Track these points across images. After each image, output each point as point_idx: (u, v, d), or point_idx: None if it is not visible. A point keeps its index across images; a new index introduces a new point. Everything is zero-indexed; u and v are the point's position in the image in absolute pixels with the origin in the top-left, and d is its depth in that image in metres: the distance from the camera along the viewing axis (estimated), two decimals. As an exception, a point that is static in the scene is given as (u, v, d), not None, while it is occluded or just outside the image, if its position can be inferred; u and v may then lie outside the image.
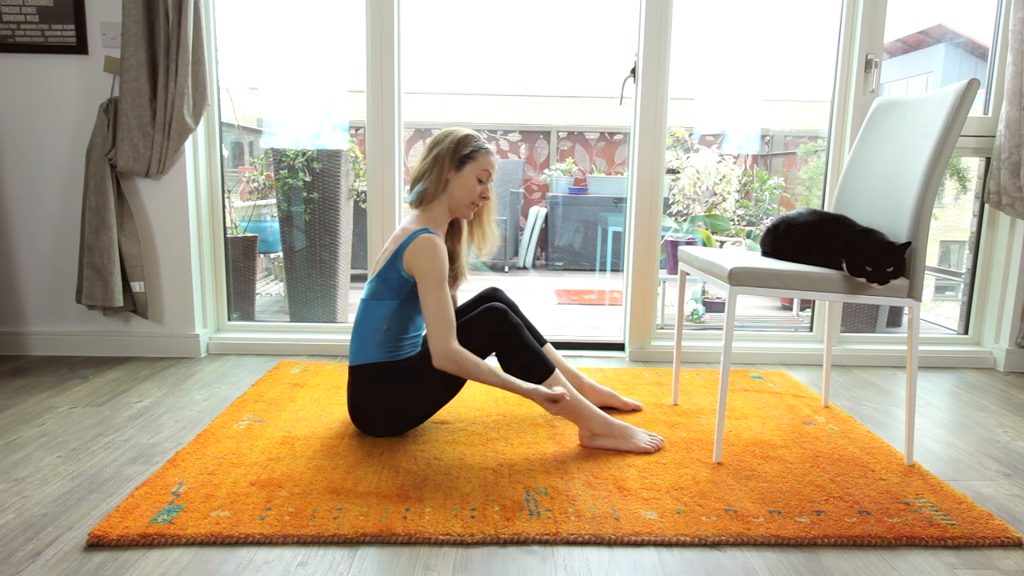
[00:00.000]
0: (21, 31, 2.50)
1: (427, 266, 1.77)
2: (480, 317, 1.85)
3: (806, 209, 2.00)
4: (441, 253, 1.79)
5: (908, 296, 1.78)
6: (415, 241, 1.78)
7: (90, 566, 1.31)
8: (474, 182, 1.87)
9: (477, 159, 1.87)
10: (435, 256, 1.77)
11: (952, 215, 6.10)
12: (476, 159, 1.87)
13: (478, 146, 1.88)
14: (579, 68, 8.64)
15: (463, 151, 1.86)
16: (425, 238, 1.78)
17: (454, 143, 1.87)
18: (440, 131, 1.91)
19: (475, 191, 1.88)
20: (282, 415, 2.07)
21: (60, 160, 2.59)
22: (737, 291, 1.77)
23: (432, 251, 1.77)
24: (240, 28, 3.19)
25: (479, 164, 1.87)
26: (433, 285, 1.76)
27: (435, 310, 1.76)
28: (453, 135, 1.88)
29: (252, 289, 3.48)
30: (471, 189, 1.87)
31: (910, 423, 1.80)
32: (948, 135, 1.73)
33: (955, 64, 8.40)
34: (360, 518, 1.47)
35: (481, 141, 1.90)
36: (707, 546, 1.43)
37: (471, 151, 1.86)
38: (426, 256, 1.77)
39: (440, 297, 1.76)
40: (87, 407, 2.14)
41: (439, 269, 1.77)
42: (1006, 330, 2.77)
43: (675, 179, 4.63)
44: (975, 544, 1.45)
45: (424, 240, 1.78)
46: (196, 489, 1.59)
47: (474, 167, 1.86)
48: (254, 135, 4.59)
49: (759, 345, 2.84)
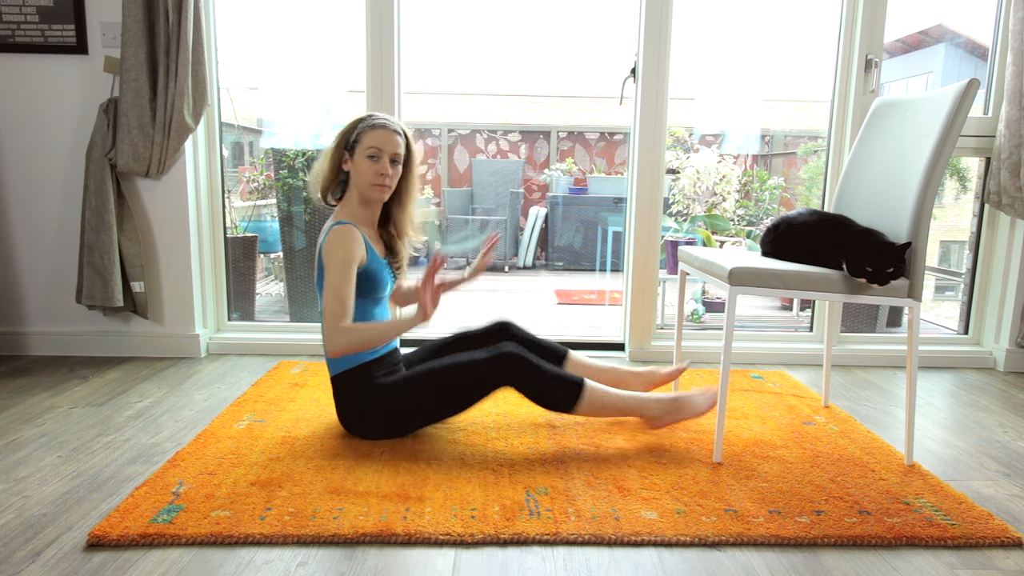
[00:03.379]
0: (21, 31, 2.50)
1: (329, 252, 1.75)
2: (494, 364, 1.79)
3: (806, 209, 2.00)
4: (346, 241, 1.75)
5: (908, 296, 1.78)
6: (328, 235, 1.78)
7: (90, 566, 1.31)
8: (366, 163, 1.79)
9: (362, 139, 1.79)
10: (339, 243, 1.75)
11: (952, 215, 6.10)
12: (361, 140, 1.79)
13: (365, 125, 1.80)
14: (579, 68, 8.64)
15: (350, 136, 1.82)
16: (336, 229, 1.77)
17: (343, 131, 1.83)
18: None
19: (371, 171, 1.80)
20: (282, 415, 2.07)
21: (60, 160, 2.59)
22: (737, 291, 1.77)
23: (338, 239, 1.75)
24: (240, 28, 3.18)
25: (365, 143, 1.79)
26: (331, 268, 1.74)
27: (328, 293, 1.73)
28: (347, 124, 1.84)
29: (252, 289, 3.48)
30: (366, 171, 1.80)
31: (910, 423, 1.80)
32: (948, 135, 1.73)
33: (955, 64, 8.40)
34: (360, 518, 1.47)
35: (371, 119, 1.81)
36: (707, 546, 1.43)
37: (357, 133, 1.80)
38: (330, 244, 1.76)
39: (334, 280, 1.73)
40: (87, 407, 2.14)
41: (342, 255, 1.74)
42: (1006, 330, 2.77)
43: (675, 179, 4.63)
44: (975, 544, 1.45)
45: (334, 231, 1.77)
46: (196, 489, 1.59)
47: (362, 148, 1.80)
48: (254, 135, 4.59)
49: (759, 345, 2.84)
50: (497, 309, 4.65)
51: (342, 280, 1.74)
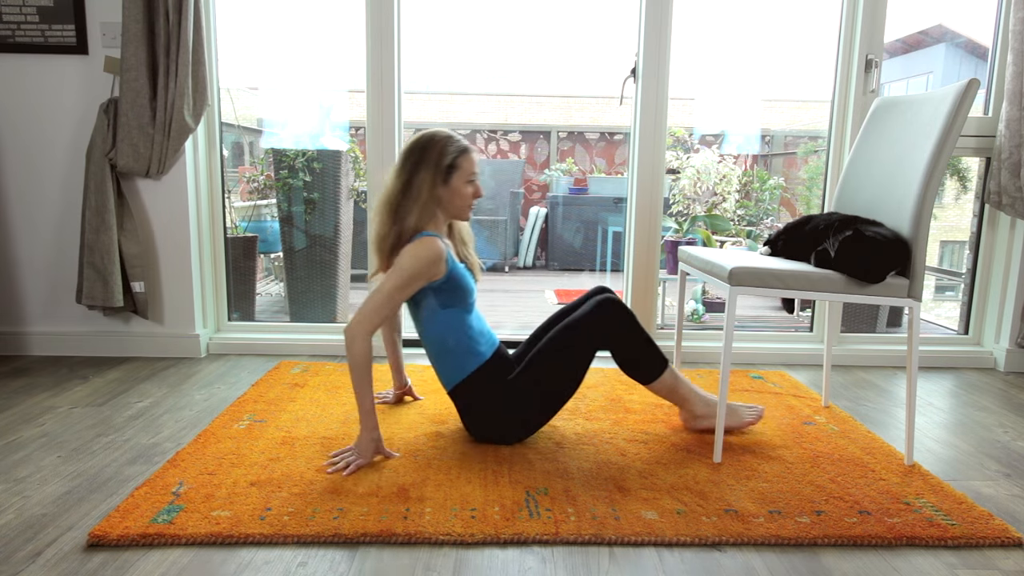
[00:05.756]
0: (21, 31, 2.50)
1: (407, 257, 1.71)
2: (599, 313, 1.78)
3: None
4: (430, 254, 1.71)
5: (908, 296, 1.78)
6: (416, 241, 1.74)
7: (90, 566, 1.31)
8: (466, 187, 1.81)
9: (461, 165, 1.79)
10: (420, 256, 1.71)
11: (952, 215, 6.10)
12: (460, 165, 1.79)
13: (457, 149, 1.79)
14: (579, 68, 8.64)
15: (443, 161, 1.78)
16: (425, 240, 1.73)
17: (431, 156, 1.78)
18: (408, 143, 1.81)
19: (469, 195, 1.83)
20: (282, 415, 2.07)
21: (60, 160, 2.59)
22: (737, 291, 1.76)
23: (424, 252, 1.71)
24: (240, 28, 3.19)
25: (466, 169, 1.80)
26: (399, 272, 1.70)
27: (379, 299, 1.69)
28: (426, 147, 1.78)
29: (252, 289, 3.48)
30: (466, 195, 1.82)
31: (910, 423, 1.80)
32: (948, 135, 1.73)
33: (955, 64, 8.40)
34: (360, 518, 1.47)
35: (457, 142, 1.80)
36: (707, 546, 1.43)
37: (452, 158, 1.78)
38: (414, 252, 1.71)
39: (394, 285, 1.69)
40: (87, 407, 2.14)
41: (416, 268, 1.70)
42: (1006, 330, 2.77)
43: (675, 179, 4.63)
44: (975, 544, 1.45)
45: (423, 241, 1.72)
46: (196, 489, 1.59)
47: (463, 174, 1.80)
48: (254, 135, 4.59)
49: (759, 345, 2.84)
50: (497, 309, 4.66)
51: (399, 291, 1.71)
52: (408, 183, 1.78)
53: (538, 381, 1.82)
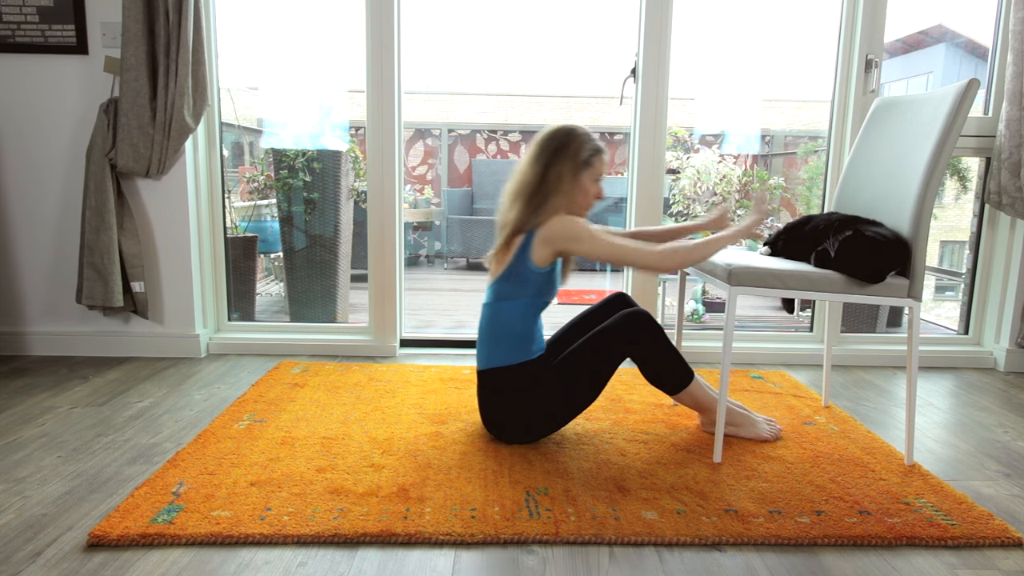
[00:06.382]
0: (21, 31, 2.50)
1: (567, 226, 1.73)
2: (625, 323, 1.80)
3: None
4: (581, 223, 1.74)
5: (908, 296, 1.78)
6: (551, 221, 1.75)
7: (90, 566, 1.31)
8: (594, 186, 1.83)
9: (595, 164, 1.81)
10: (575, 220, 1.74)
11: (952, 215, 6.10)
12: (594, 164, 1.81)
13: (592, 148, 1.82)
14: (579, 68, 8.63)
15: (580, 155, 1.80)
16: (563, 216, 1.76)
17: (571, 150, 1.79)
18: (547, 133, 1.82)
19: (592, 195, 1.84)
20: (282, 415, 2.07)
21: (60, 160, 2.59)
22: (737, 291, 1.76)
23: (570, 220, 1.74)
24: (240, 28, 3.18)
25: (597, 168, 1.83)
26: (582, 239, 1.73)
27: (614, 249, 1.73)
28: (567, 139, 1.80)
29: (252, 289, 3.48)
30: (589, 194, 1.83)
31: (910, 423, 1.80)
32: (948, 135, 1.73)
33: (955, 64, 8.41)
34: (360, 518, 1.47)
35: (593, 142, 1.83)
36: (707, 546, 1.43)
37: (588, 155, 1.80)
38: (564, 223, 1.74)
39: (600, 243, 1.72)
40: (87, 407, 2.14)
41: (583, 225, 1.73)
42: (1006, 330, 2.77)
43: (675, 179, 4.63)
44: (975, 544, 1.45)
45: (562, 216, 1.75)
46: (196, 489, 1.59)
47: (594, 172, 1.82)
48: (254, 135, 4.59)
49: (759, 345, 2.84)
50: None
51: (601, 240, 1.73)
52: (544, 173, 1.79)
53: (568, 385, 1.83)
